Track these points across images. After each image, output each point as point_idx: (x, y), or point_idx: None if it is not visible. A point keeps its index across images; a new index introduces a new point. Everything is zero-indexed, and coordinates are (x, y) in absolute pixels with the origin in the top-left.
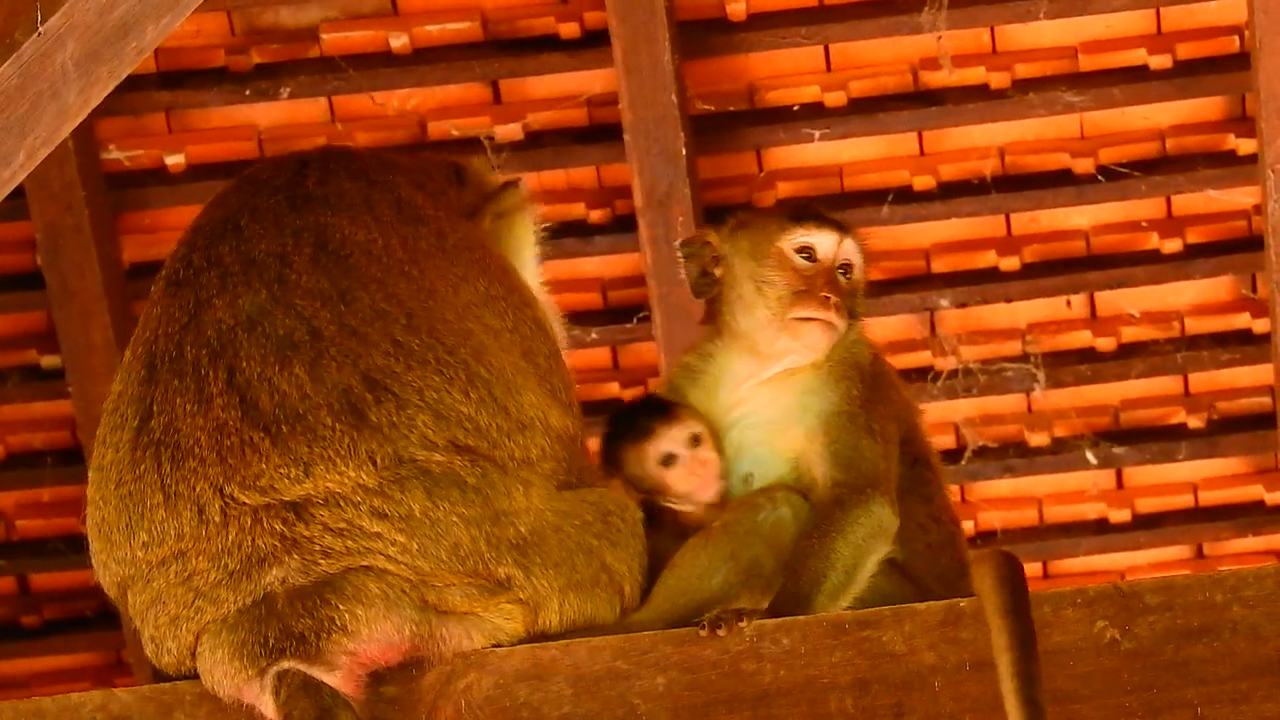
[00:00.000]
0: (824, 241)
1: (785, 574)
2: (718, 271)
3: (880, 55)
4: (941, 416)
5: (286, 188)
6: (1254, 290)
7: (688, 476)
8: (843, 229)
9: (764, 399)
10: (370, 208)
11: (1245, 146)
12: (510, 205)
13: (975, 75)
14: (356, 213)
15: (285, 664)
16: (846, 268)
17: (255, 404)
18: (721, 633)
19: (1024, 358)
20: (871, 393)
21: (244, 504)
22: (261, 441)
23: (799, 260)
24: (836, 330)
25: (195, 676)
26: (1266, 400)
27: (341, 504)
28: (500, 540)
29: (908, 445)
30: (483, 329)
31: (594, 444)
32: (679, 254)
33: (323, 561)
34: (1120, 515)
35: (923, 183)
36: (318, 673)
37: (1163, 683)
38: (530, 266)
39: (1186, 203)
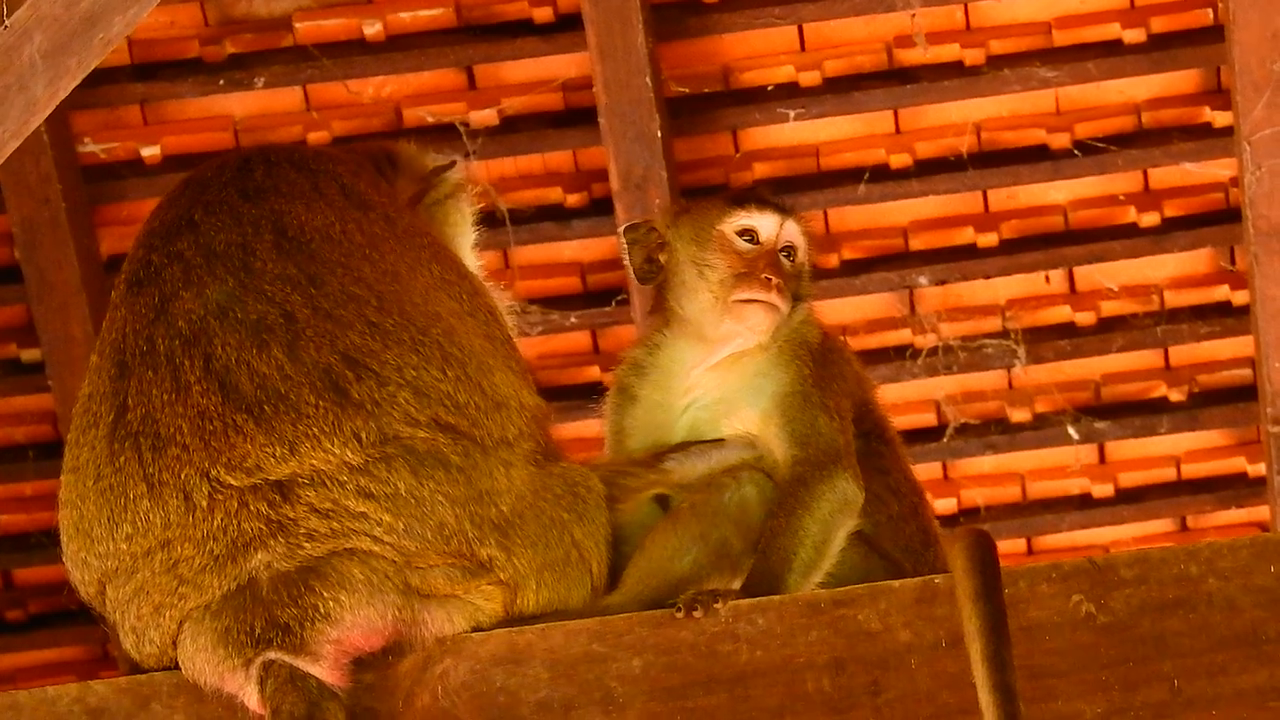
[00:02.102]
0: (765, 224)
1: (756, 554)
2: (662, 258)
3: (854, 34)
4: (922, 394)
5: (234, 182)
6: (1232, 262)
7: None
8: (784, 211)
9: (714, 383)
10: (320, 194)
11: (1221, 119)
12: (445, 191)
13: (950, 52)
14: (309, 199)
15: (271, 655)
16: (789, 250)
17: (235, 388)
18: (697, 614)
19: (1004, 334)
20: (823, 370)
21: (231, 486)
22: (245, 423)
23: (741, 243)
24: (779, 312)
25: (177, 668)
26: (1247, 372)
27: (328, 483)
28: (484, 520)
29: (861, 420)
30: (447, 312)
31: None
32: (622, 241)
33: (307, 545)
34: (1103, 490)
35: (899, 161)
36: (303, 664)
37: (1138, 656)
38: (468, 253)
39: (1163, 176)
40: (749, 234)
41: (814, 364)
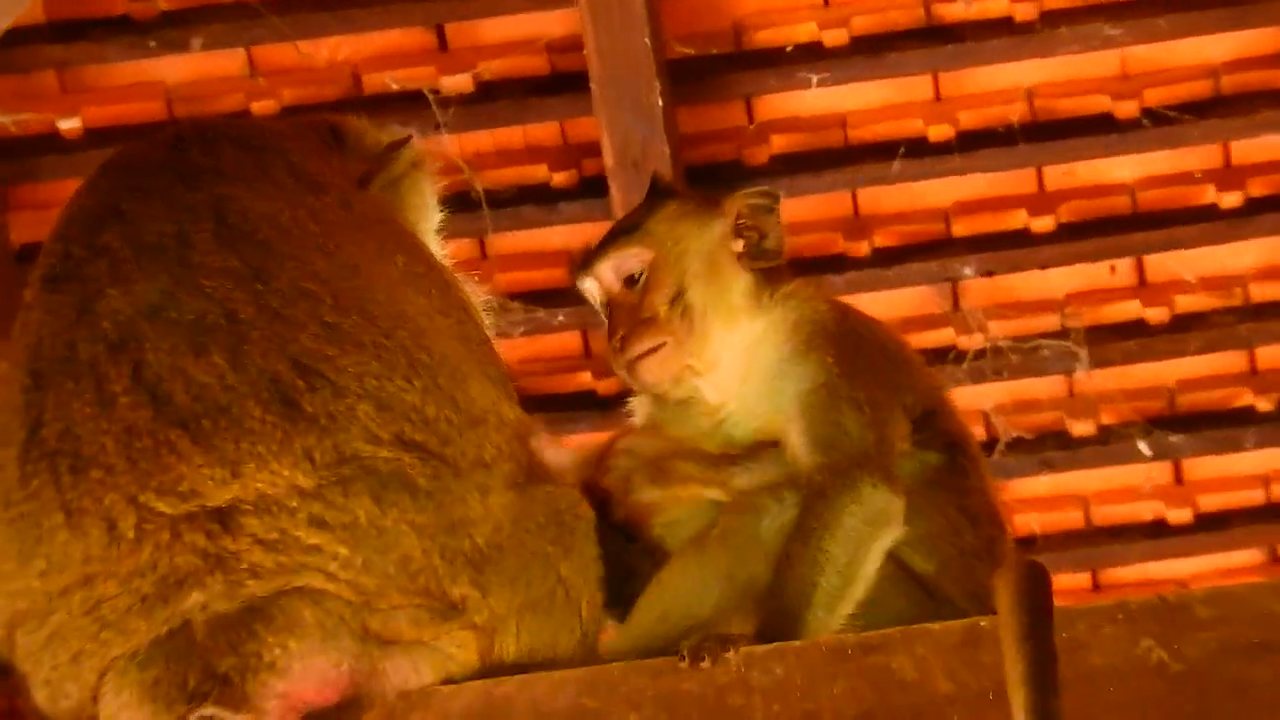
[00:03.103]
0: (586, 284)
1: (770, 588)
2: None
3: None
4: (968, 403)
5: (168, 163)
6: None
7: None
8: (586, 260)
9: (734, 395)
10: (267, 176)
11: None
12: (400, 169)
13: (997, 7)
14: (253, 182)
15: (207, 711)
16: (630, 275)
17: (169, 399)
18: (705, 664)
19: (1063, 333)
20: (850, 355)
21: (162, 514)
22: (180, 440)
23: (604, 307)
24: (657, 352)
25: None
26: None
27: (274, 510)
28: (456, 554)
29: (932, 422)
30: (415, 310)
31: (569, 443)
32: None
33: (250, 583)
34: (1180, 515)
35: (939, 133)
36: None
37: (1218, 710)
38: (432, 240)
39: (1246, 149)
40: (593, 296)
41: (837, 349)
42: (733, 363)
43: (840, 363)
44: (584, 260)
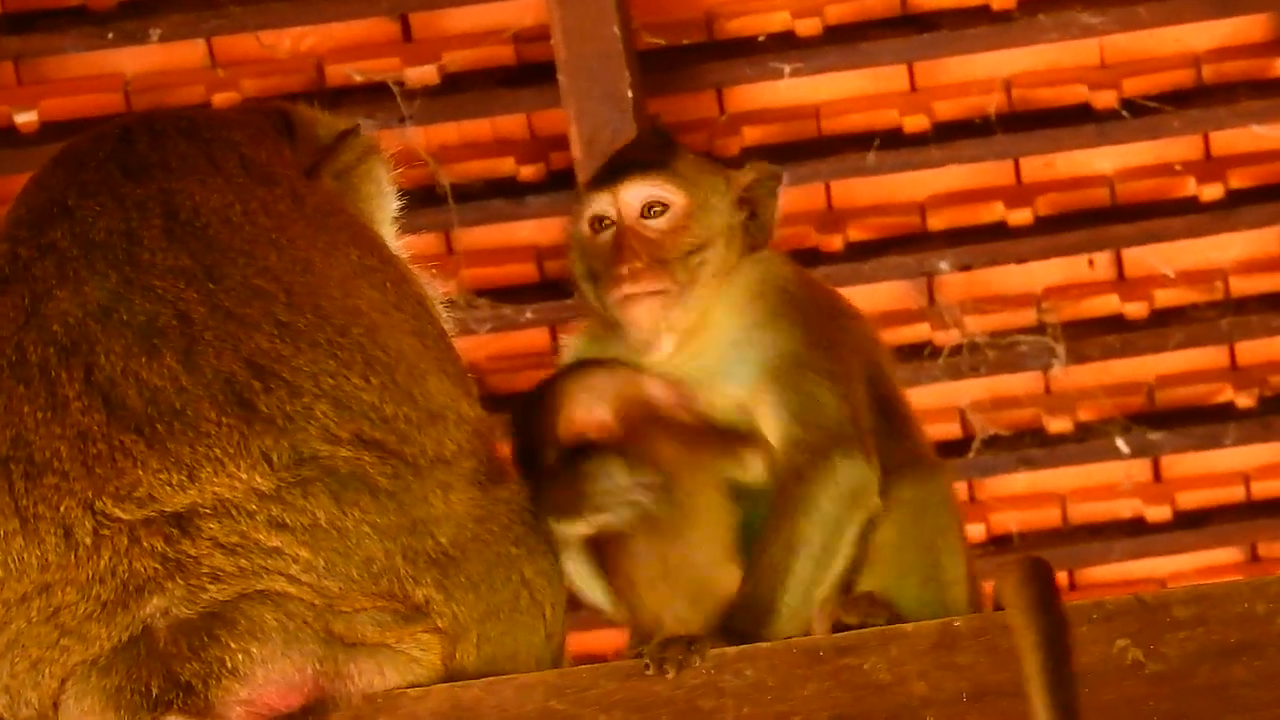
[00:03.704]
0: (603, 204)
1: (745, 574)
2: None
3: None
4: (944, 400)
5: (115, 157)
6: None
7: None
8: (613, 176)
9: (686, 367)
10: (217, 169)
11: None
12: (350, 160)
13: None
14: (203, 175)
15: (171, 719)
16: (653, 208)
17: (122, 403)
18: (670, 672)
19: (1040, 328)
20: (819, 324)
21: (120, 519)
22: (135, 445)
23: (601, 235)
24: (665, 293)
25: None
26: None
27: (233, 514)
28: (419, 555)
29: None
30: (369, 305)
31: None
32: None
33: (211, 587)
34: (1159, 513)
35: (915, 124)
36: None
37: (1197, 711)
38: (387, 231)
39: (1228, 140)
40: (599, 221)
41: (804, 317)
42: (702, 326)
43: (808, 331)
44: (610, 176)
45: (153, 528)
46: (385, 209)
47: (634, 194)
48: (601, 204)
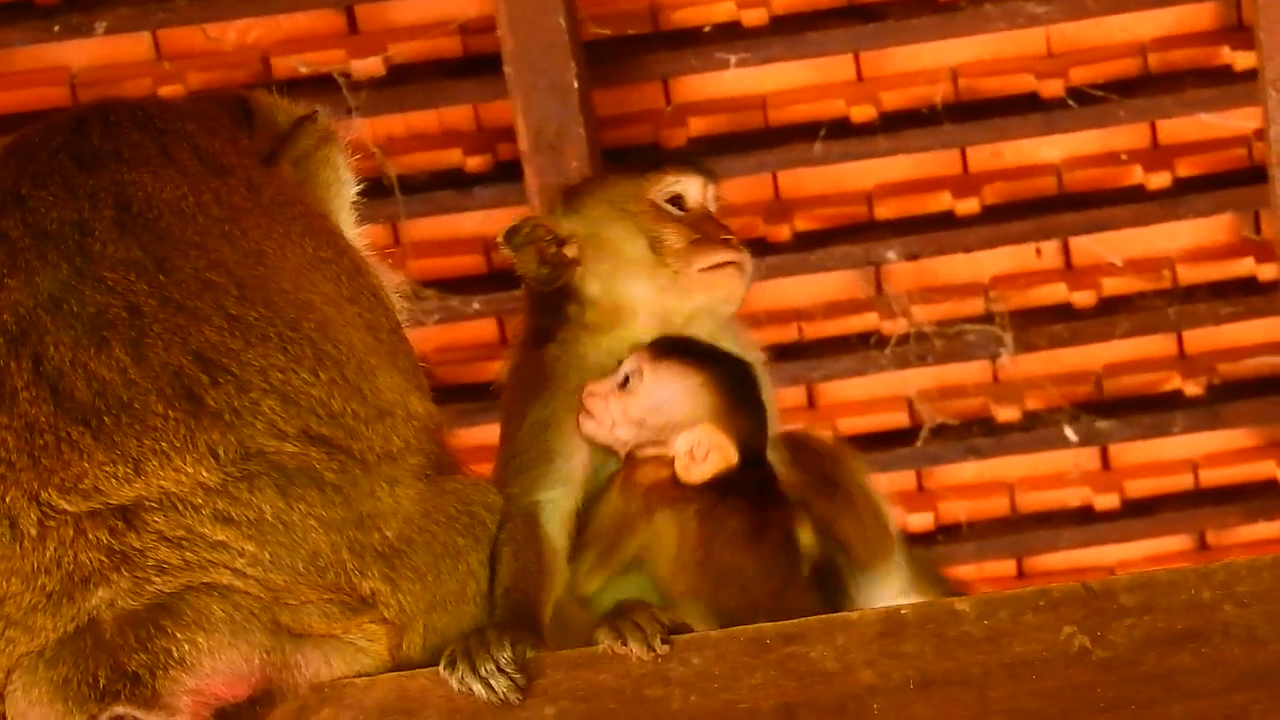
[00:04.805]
0: (693, 187)
1: None
2: (569, 252)
3: None
4: (892, 389)
5: (68, 147)
6: (1257, 231)
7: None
8: (710, 173)
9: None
10: (170, 159)
11: (1243, 60)
12: (308, 146)
13: None
14: (156, 166)
15: (118, 709)
16: (712, 199)
17: (70, 394)
18: (635, 647)
19: (987, 317)
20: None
21: (65, 511)
22: (81, 437)
23: (674, 210)
24: (748, 271)
25: None
26: (1276, 360)
27: (179, 507)
28: (365, 548)
29: None
30: (322, 299)
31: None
32: (504, 249)
33: (157, 579)
34: (1107, 501)
35: (862, 114)
36: (157, 719)
37: (1142, 698)
38: (346, 219)
39: (1175, 129)
40: (678, 200)
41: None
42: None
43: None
44: (706, 168)
45: (98, 520)
46: (343, 195)
47: (709, 187)
48: (694, 187)
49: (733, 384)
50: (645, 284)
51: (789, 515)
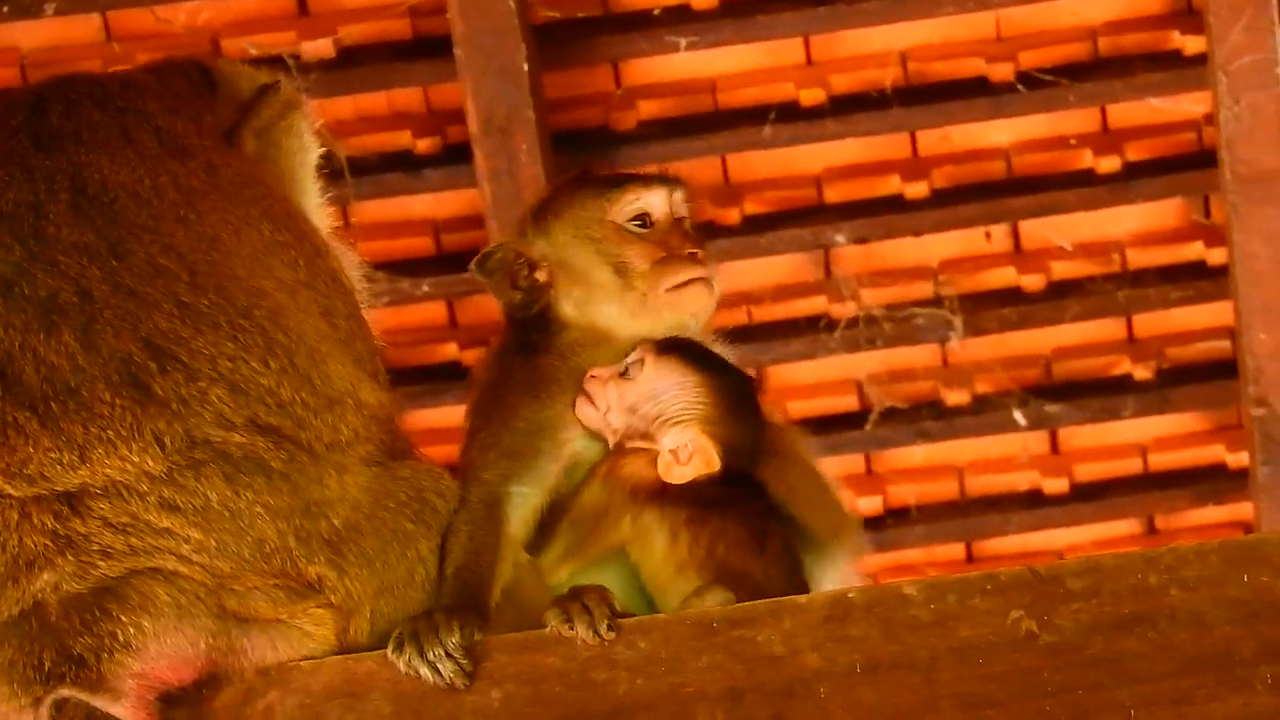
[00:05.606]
0: (656, 200)
1: None
2: (541, 276)
3: None
4: (841, 373)
5: (26, 126)
6: (1207, 215)
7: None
8: (675, 182)
9: None
10: (130, 141)
11: (1192, 45)
12: (271, 115)
13: None
14: (115, 148)
15: (64, 692)
16: (680, 222)
17: (18, 379)
18: (582, 631)
19: (937, 301)
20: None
21: (10, 496)
22: (28, 422)
23: (637, 230)
24: (716, 285)
25: None
26: (1225, 344)
27: (124, 495)
28: (312, 535)
29: None
30: (276, 285)
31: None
32: (477, 276)
33: (101, 564)
34: (1056, 485)
35: (811, 97)
36: (102, 702)
37: (1090, 682)
38: (311, 198)
39: (1124, 113)
40: (642, 217)
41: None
42: None
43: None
44: (668, 179)
45: (43, 505)
46: (308, 164)
47: (677, 199)
48: (657, 200)
49: (730, 394)
50: (615, 308)
51: (785, 525)
